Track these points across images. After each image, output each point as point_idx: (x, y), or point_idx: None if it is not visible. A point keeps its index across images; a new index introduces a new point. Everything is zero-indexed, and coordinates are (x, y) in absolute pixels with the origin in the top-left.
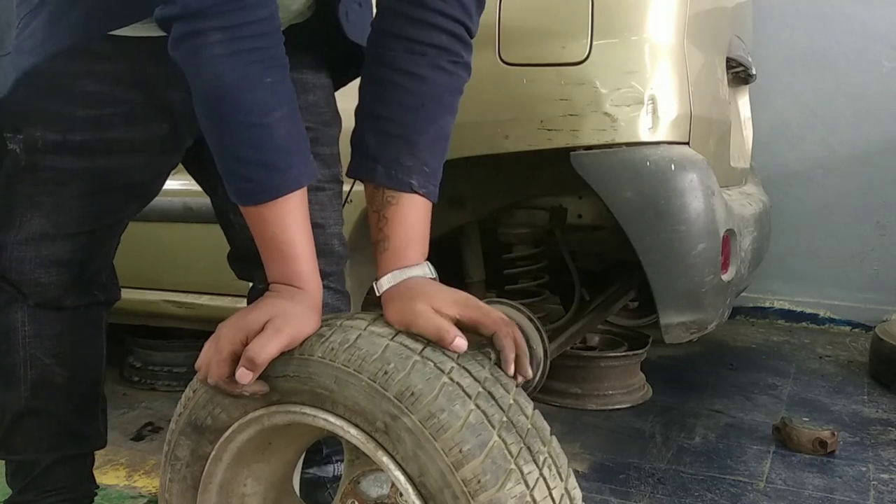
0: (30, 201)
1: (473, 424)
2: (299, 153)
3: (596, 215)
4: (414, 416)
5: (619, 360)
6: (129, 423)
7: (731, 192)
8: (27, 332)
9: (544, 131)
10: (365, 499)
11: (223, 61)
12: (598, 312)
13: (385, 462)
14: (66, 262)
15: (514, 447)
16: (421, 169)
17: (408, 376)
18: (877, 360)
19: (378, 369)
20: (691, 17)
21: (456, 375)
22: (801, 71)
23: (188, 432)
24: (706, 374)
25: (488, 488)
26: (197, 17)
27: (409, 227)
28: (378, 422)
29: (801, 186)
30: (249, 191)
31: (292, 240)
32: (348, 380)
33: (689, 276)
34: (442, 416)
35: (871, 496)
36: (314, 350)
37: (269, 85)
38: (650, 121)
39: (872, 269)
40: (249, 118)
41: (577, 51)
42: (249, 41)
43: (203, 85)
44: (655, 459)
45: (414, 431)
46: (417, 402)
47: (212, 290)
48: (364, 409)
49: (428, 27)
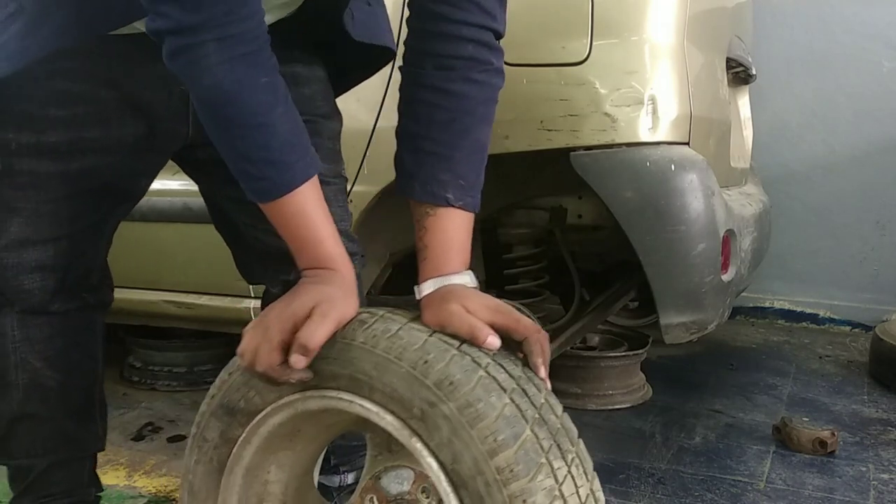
0: (7, 207)
1: (508, 417)
2: (303, 146)
3: (596, 215)
4: (451, 403)
5: (619, 360)
6: (129, 423)
7: (731, 193)
8: (16, 337)
9: (544, 131)
10: (385, 495)
11: (221, 68)
12: (598, 312)
13: (419, 449)
14: (50, 267)
15: (545, 442)
16: (457, 183)
17: (447, 366)
18: (877, 360)
19: (418, 358)
20: (691, 17)
21: (492, 370)
22: (801, 71)
23: (219, 414)
24: (706, 374)
25: (520, 478)
26: (192, 30)
27: (448, 238)
28: (415, 409)
29: (801, 186)
30: (265, 189)
31: (315, 225)
32: (388, 366)
33: (689, 276)
34: (479, 406)
35: (871, 496)
36: (356, 335)
37: (266, 85)
38: (650, 121)
39: (872, 269)
40: (253, 119)
41: (577, 51)
42: (242, 47)
43: (205, 93)
44: (655, 459)
45: (451, 419)
46: (456, 390)
47: (212, 290)
48: (402, 396)
49: (454, 40)
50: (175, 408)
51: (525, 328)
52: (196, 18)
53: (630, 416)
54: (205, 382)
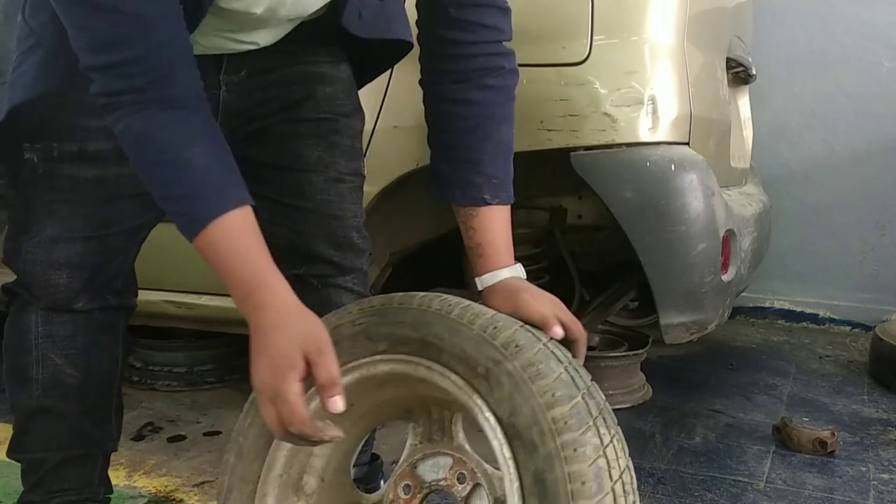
0: (46, 209)
1: (564, 380)
2: (222, 180)
3: (596, 215)
4: (516, 362)
5: (619, 360)
6: (129, 423)
7: (731, 193)
8: (40, 333)
9: (544, 131)
10: (420, 482)
11: (135, 116)
12: (598, 312)
13: (478, 405)
14: (78, 265)
15: (593, 410)
16: (490, 183)
17: (514, 333)
18: (877, 360)
19: (488, 324)
20: (691, 17)
21: (550, 346)
22: (801, 71)
23: None
24: (706, 374)
25: (573, 430)
26: (116, 94)
27: (495, 233)
28: (480, 367)
29: (801, 186)
30: (185, 224)
31: (242, 257)
32: (460, 329)
33: (689, 276)
34: (540, 366)
35: (871, 496)
36: (432, 304)
37: (181, 126)
38: (650, 121)
39: (872, 269)
40: (163, 156)
41: (577, 51)
42: (158, 97)
43: (125, 139)
44: (655, 459)
45: (514, 375)
46: (520, 352)
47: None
48: (469, 356)
49: (466, 58)
50: (175, 408)
51: (580, 331)
52: (117, 86)
53: (630, 416)
54: (205, 382)
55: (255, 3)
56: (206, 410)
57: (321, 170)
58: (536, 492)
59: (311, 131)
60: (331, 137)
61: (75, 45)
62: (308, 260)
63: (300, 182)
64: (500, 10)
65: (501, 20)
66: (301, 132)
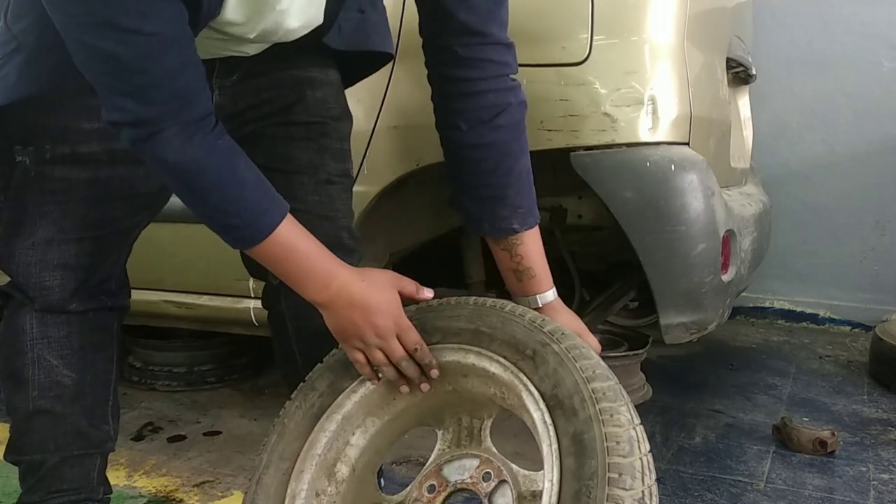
0: (39, 210)
1: (602, 367)
2: (270, 188)
3: (596, 215)
4: (562, 344)
5: (619, 360)
6: (129, 423)
7: (731, 193)
8: (35, 335)
9: (544, 132)
10: (445, 481)
11: (182, 147)
12: (598, 312)
13: (524, 382)
14: (72, 266)
15: (625, 396)
16: (517, 213)
17: (559, 326)
18: (877, 360)
19: (536, 317)
20: (691, 17)
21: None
22: (801, 71)
23: (336, 368)
24: (706, 374)
25: (610, 400)
26: (150, 123)
27: (536, 255)
28: (528, 350)
29: (801, 186)
30: (250, 235)
31: (307, 250)
32: (513, 320)
33: (689, 276)
34: (583, 349)
35: (871, 496)
36: (486, 302)
37: (223, 147)
38: (650, 121)
39: (872, 269)
40: (221, 180)
41: (577, 51)
42: (194, 126)
43: (174, 170)
44: (655, 459)
45: (559, 354)
46: (566, 338)
47: (212, 290)
48: (519, 341)
49: (475, 95)
50: (175, 408)
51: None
52: (153, 112)
53: None
54: (205, 382)
55: (249, 30)
56: (206, 410)
57: (311, 172)
58: (574, 451)
59: (301, 134)
60: (321, 140)
61: (92, 75)
62: None
63: (291, 184)
64: (504, 46)
65: (506, 55)
66: (292, 135)
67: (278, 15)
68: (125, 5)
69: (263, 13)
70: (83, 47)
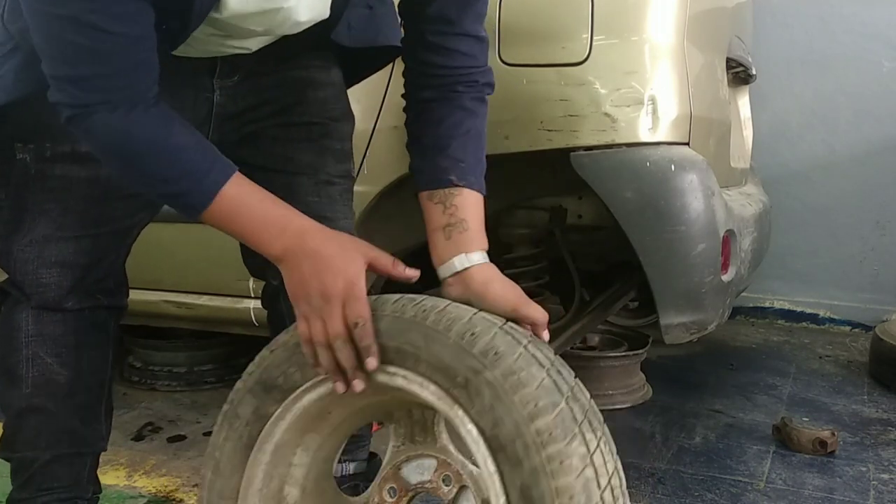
0: (38, 208)
1: (547, 387)
2: (211, 150)
3: (596, 216)
4: (496, 371)
5: (619, 360)
6: (129, 423)
7: (731, 193)
8: (30, 332)
9: (544, 132)
10: (405, 484)
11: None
12: (598, 312)
13: (459, 416)
14: (69, 264)
15: (578, 415)
16: (457, 165)
17: (492, 339)
18: (877, 360)
19: (465, 330)
20: (691, 17)
21: (531, 348)
22: (801, 71)
23: (256, 391)
24: (706, 374)
25: (557, 442)
26: (92, 105)
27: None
28: (459, 377)
29: (801, 186)
30: (193, 202)
31: (260, 203)
32: (437, 337)
33: (689, 276)
34: (521, 374)
35: (871, 496)
36: (406, 310)
37: (156, 115)
38: (650, 121)
39: (872, 269)
40: (156, 146)
41: (577, 51)
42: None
43: (107, 144)
44: (655, 459)
45: (494, 385)
46: (500, 360)
47: (212, 290)
48: (447, 365)
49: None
50: (175, 408)
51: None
52: (96, 98)
53: (630, 416)
54: (205, 382)
55: (257, 23)
56: (206, 410)
57: (312, 173)
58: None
59: (302, 135)
60: (321, 141)
61: (46, 54)
62: None
63: (291, 185)
64: (475, 39)
65: (476, 48)
66: (293, 136)
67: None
68: (98, 3)
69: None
70: (45, 33)
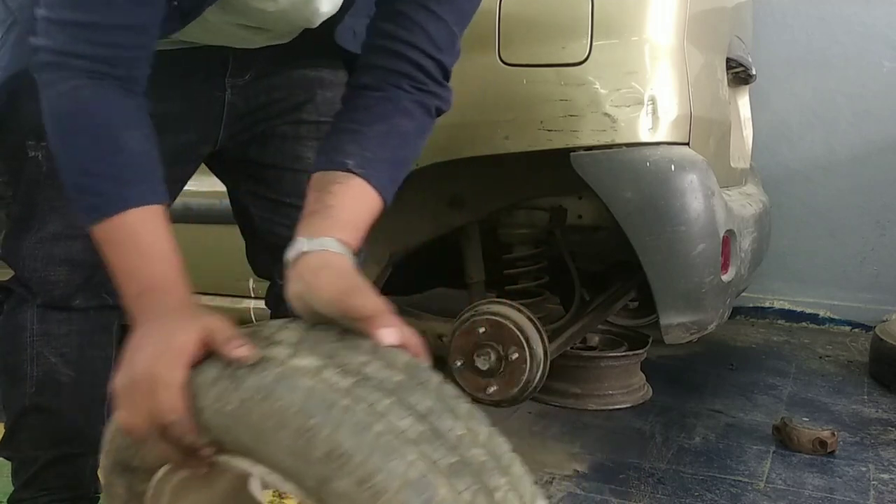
0: (49, 206)
1: (415, 481)
2: (152, 173)
3: (596, 216)
4: (346, 479)
5: (619, 360)
6: None
7: (731, 193)
8: (35, 331)
9: (544, 132)
10: None
11: (85, 82)
12: (598, 312)
13: None
14: (77, 262)
15: (467, 494)
16: (362, 154)
17: (335, 432)
18: (877, 360)
19: (301, 425)
20: (691, 17)
21: (394, 417)
22: (801, 71)
23: (119, 471)
24: (706, 374)
25: None
26: (70, 55)
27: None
28: (308, 483)
29: (801, 186)
30: (97, 205)
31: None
32: (269, 438)
33: (689, 276)
34: (378, 478)
35: (871, 496)
36: (228, 401)
37: (128, 107)
38: (650, 121)
39: (872, 269)
40: (102, 131)
41: (577, 51)
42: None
43: (61, 107)
44: (655, 459)
45: (349, 496)
46: (348, 462)
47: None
48: (292, 471)
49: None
50: None
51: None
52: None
53: (630, 416)
54: None
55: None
56: None
57: None
58: None
59: (311, 134)
60: None
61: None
62: None
63: (300, 183)
64: (448, 32)
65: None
66: (302, 134)
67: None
68: None
69: None
70: None
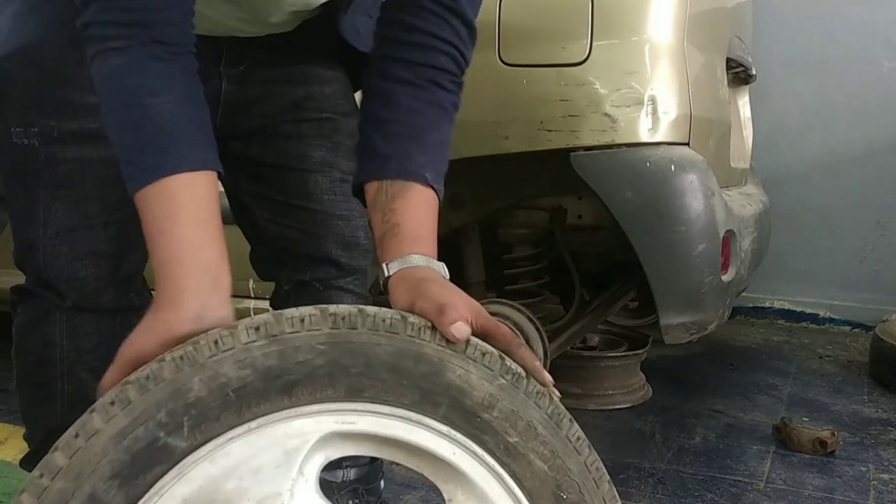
0: (50, 195)
1: None
2: (186, 137)
3: (596, 216)
4: None
5: (619, 360)
6: None
7: (731, 193)
8: (65, 347)
9: (544, 132)
10: None
11: (113, 52)
12: (598, 312)
13: None
14: (103, 254)
15: None
16: (432, 165)
17: None
18: (877, 360)
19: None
20: (691, 17)
21: None
22: (801, 71)
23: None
24: (706, 374)
25: None
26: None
27: (423, 218)
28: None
29: (801, 186)
30: (129, 175)
31: (175, 234)
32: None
33: (689, 276)
34: None
35: (871, 496)
36: None
37: (159, 70)
38: (650, 122)
39: (872, 269)
40: (130, 99)
41: (577, 51)
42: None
43: (98, 76)
44: (655, 459)
45: None
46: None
47: None
48: None
49: (423, 48)
50: None
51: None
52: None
53: (630, 416)
54: None
55: None
56: None
57: (326, 170)
58: None
59: (314, 131)
60: (333, 137)
61: None
62: (314, 263)
63: (306, 183)
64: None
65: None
66: (305, 132)
67: None
68: None
69: None
70: None
